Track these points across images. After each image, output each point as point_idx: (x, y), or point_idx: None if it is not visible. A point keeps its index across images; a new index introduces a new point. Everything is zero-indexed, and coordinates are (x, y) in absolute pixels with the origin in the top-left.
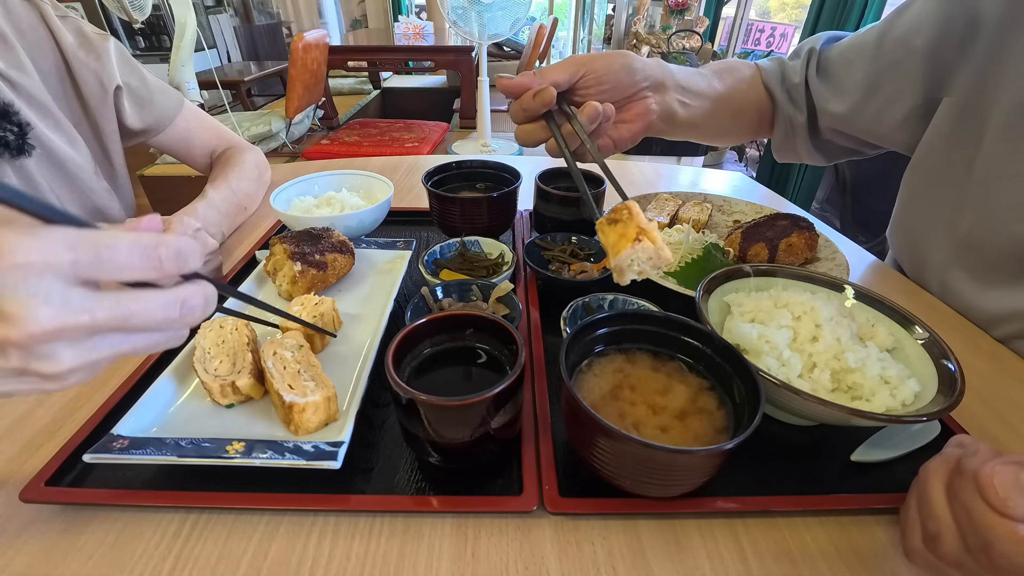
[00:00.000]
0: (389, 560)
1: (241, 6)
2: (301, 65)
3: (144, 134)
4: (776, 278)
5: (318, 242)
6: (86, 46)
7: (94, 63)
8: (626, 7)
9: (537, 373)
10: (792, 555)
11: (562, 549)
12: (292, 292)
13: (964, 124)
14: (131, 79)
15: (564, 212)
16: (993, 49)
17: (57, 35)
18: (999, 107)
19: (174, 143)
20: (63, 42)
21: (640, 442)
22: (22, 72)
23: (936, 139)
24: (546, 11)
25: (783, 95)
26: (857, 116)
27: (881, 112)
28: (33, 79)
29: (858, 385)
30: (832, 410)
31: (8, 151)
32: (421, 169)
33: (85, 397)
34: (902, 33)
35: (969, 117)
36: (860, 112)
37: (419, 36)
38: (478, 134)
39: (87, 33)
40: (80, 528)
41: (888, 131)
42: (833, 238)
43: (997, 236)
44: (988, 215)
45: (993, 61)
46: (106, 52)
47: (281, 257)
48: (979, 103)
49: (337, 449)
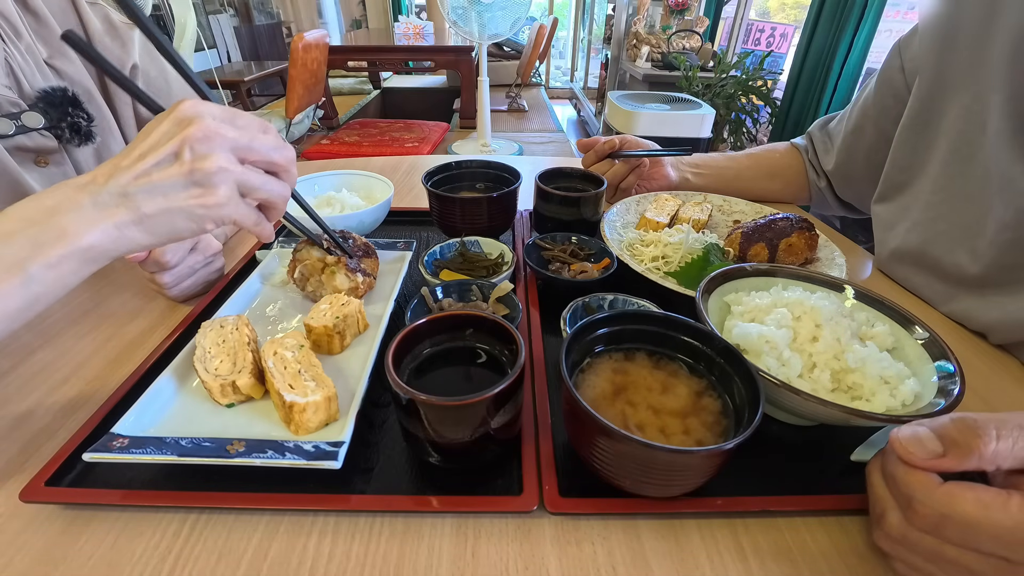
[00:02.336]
0: (389, 560)
1: (241, 6)
2: (301, 65)
3: None
4: (776, 278)
5: (350, 248)
6: (112, 33)
7: (119, 51)
8: (626, 7)
9: (537, 373)
10: (792, 555)
11: (562, 549)
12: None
13: (914, 156)
14: (150, 68)
15: (564, 212)
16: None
17: (85, 21)
18: (939, 148)
19: None
20: (90, 28)
21: (640, 442)
22: (65, 59)
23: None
24: (546, 11)
25: (808, 164)
26: (848, 166)
27: (866, 162)
28: (76, 66)
29: (858, 385)
30: (832, 410)
31: (79, 136)
32: (421, 169)
33: (85, 397)
34: (859, 105)
35: (918, 150)
36: (849, 163)
37: (419, 36)
38: (478, 134)
39: (114, 21)
40: (80, 528)
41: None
42: (833, 238)
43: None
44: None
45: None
46: (131, 40)
47: (314, 263)
48: (927, 142)
49: (337, 449)
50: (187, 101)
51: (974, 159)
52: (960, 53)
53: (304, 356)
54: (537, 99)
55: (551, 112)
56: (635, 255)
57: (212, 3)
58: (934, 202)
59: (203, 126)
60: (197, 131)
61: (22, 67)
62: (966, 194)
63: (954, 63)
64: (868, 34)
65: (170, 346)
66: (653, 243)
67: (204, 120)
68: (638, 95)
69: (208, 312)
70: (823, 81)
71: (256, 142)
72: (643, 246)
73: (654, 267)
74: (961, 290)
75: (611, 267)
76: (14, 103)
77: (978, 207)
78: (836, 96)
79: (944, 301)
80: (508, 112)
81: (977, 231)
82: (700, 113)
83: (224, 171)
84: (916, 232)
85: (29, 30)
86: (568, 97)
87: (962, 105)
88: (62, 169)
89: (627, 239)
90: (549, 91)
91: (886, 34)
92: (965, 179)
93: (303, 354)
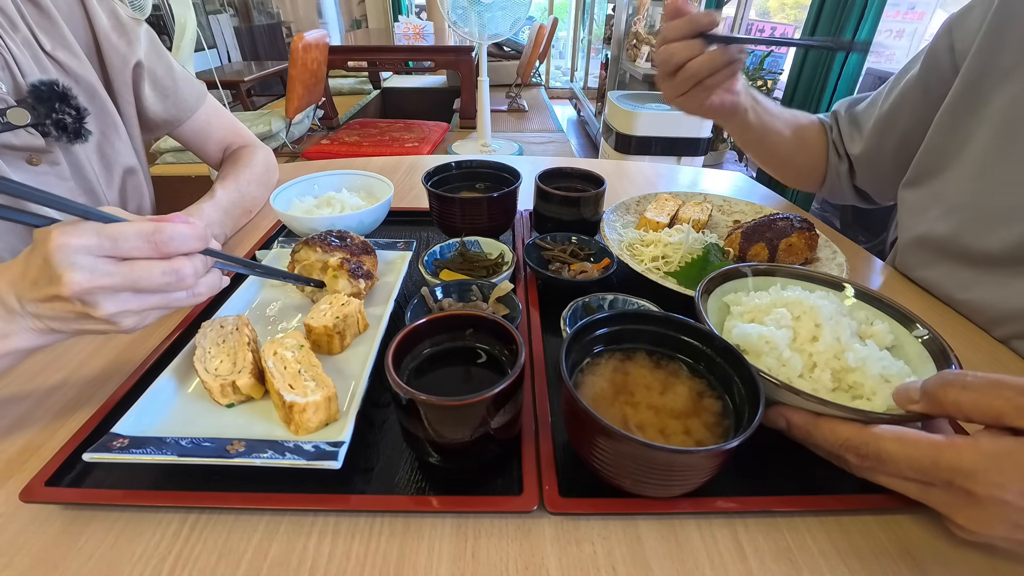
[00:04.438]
0: (389, 560)
1: (241, 6)
2: (301, 65)
3: (165, 126)
4: (775, 277)
5: (349, 248)
6: (119, 29)
7: (124, 48)
8: (626, 7)
9: (537, 373)
10: (792, 555)
11: (562, 549)
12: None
13: (951, 142)
14: (157, 67)
15: (564, 212)
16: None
17: (92, 15)
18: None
19: (191, 136)
20: (96, 22)
21: (640, 442)
22: (69, 52)
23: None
24: (546, 11)
25: (831, 144)
26: (877, 152)
27: (898, 149)
28: (80, 59)
29: (859, 384)
30: (832, 410)
31: (66, 135)
32: (421, 169)
33: (85, 397)
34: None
35: (956, 136)
36: (879, 149)
37: (419, 36)
38: (478, 134)
39: (121, 16)
40: (80, 528)
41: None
42: (833, 238)
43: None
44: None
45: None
46: (137, 38)
47: (312, 263)
48: (967, 127)
49: (337, 449)
50: (54, 241)
51: (1018, 143)
52: (1015, 36)
53: (304, 356)
54: (537, 99)
55: (551, 112)
56: (635, 255)
57: (212, 3)
58: (971, 188)
59: (74, 286)
60: (71, 292)
61: (18, 60)
62: (1009, 179)
63: (1008, 45)
64: (868, 34)
65: (170, 346)
66: (653, 243)
67: (73, 276)
68: (638, 95)
69: (208, 312)
70: (823, 81)
71: (135, 273)
72: (643, 246)
73: (654, 267)
74: (985, 277)
75: (611, 267)
76: (1, 99)
77: (1022, 192)
78: (836, 96)
79: (965, 288)
80: (508, 112)
81: (1016, 216)
82: None
83: (118, 313)
84: (948, 218)
85: (29, 21)
86: (568, 97)
87: (1012, 90)
88: (55, 169)
89: (627, 239)
90: (549, 91)
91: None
92: (1010, 164)
93: (303, 354)
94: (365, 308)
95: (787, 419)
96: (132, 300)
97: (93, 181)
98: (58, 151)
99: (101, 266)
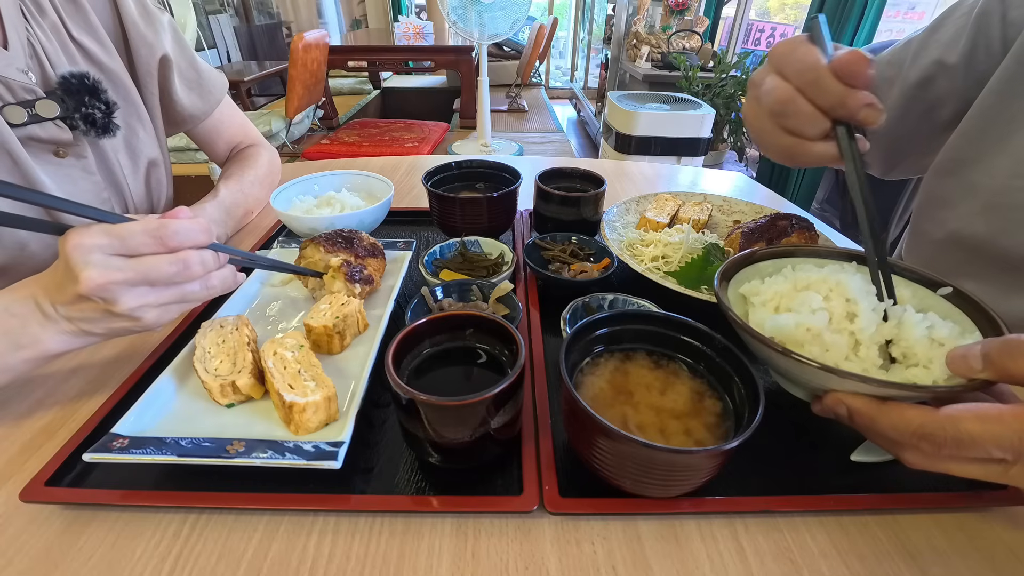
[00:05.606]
0: (389, 560)
1: (241, 6)
2: (301, 65)
3: (192, 120)
4: (785, 259)
5: (354, 250)
6: (146, 17)
7: (152, 37)
8: (626, 7)
9: (537, 373)
10: (792, 555)
11: (562, 549)
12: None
13: (993, 128)
14: (181, 59)
15: (564, 212)
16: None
17: (119, 1)
18: None
19: (205, 133)
20: (124, 10)
21: (640, 442)
22: (96, 39)
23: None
24: (546, 11)
25: None
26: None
27: (920, 121)
28: (107, 47)
29: (911, 353)
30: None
31: (95, 129)
32: (421, 169)
33: (85, 397)
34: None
35: (1000, 121)
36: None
37: (419, 36)
38: (478, 134)
39: (147, 4)
40: (80, 528)
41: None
42: (833, 238)
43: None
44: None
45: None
46: (162, 28)
47: (317, 263)
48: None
49: (337, 449)
50: (70, 243)
51: None
52: None
53: (304, 356)
54: (537, 99)
55: (551, 112)
56: (635, 255)
57: (212, 3)
58: (1017, 186)
59: (90, 283)
60: (88, 289)
61: (46, 48)
62: None
63: None
64: (868, 34)
65: (170, 346)
66: (653, 243)
67: (88, 273)
68: (638, 95)
69: (208, 312)
70: None
71: (144, 267)
72: (643, 246)
73: (654, 267)
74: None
75: (611, 267)
76: (30, 90)
77: None
78: None
79: (1002, 297)
80: (508, 112)
81: None
82: (700, 113)
83: (138, 307)
84: (986, 217)
85: (57, 6)
86: (568, 97)
87: None
88: (82, 163)
89: (627, 239)
90: (549, 91)
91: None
92: None
93: (303, 354)
94: (365, 308)
95: (848, 406)
96: (149, 294)
97: (119, 174)
98: (85, 144)
99: (113, 262)
